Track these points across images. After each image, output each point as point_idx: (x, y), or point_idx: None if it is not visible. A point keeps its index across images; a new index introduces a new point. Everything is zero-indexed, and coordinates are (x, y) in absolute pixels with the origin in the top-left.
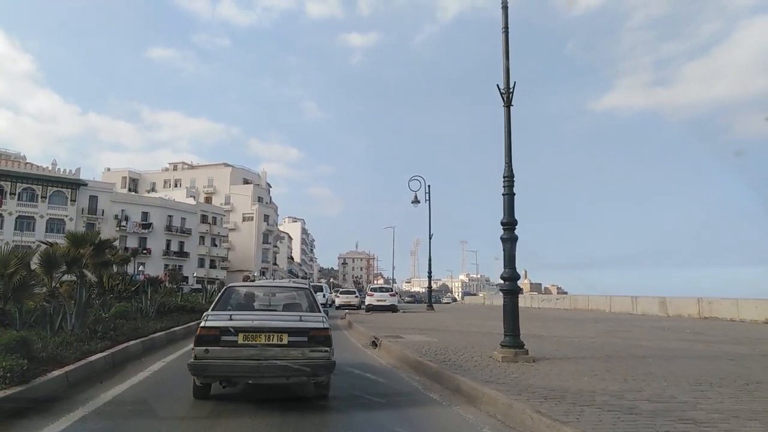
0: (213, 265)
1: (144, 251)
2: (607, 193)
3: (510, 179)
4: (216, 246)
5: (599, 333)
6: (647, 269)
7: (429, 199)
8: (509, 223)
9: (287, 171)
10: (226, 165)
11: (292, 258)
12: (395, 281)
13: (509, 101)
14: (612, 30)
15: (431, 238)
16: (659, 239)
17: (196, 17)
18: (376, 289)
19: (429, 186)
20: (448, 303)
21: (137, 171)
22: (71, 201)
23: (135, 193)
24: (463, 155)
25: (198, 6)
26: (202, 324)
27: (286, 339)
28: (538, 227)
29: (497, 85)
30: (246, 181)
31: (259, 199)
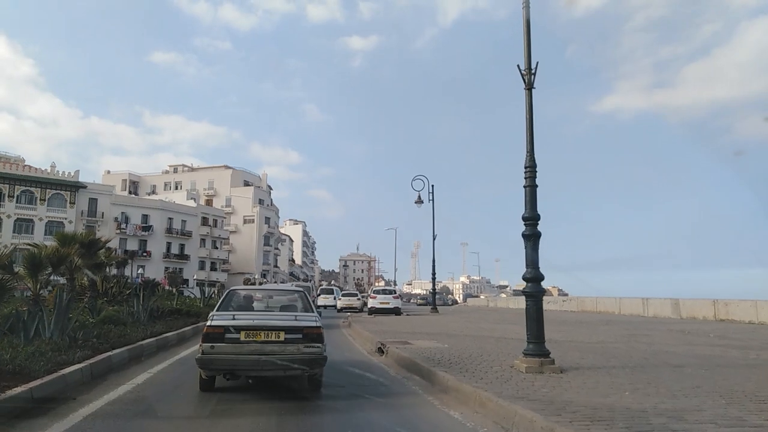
0: (214, 268)
1: (144, 254)
2: (608, 195)
3: (532, 169)
4: (217, 248)
5: (618, 337)
6: (648, 272)
7: (432, 199)
8: (532, 218)
9: (288, 174)
10: (226, 167)
11: (293, 260)
12: (396, 283)
13: (531, 83)
14: (612, 32)
15: (435, 239)
16: (660, 241)
17: (197, 21)
18: (379, 292)
19: (432, 186)
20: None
21: (137, 174)
22: (70, 204)
23: (135, 196)
24: (463, 158)
25: (199, 10)
26: (208, 323)
27: (283, 336)
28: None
29: (518, 66)
30: (247, 184)
31: (260, 202)
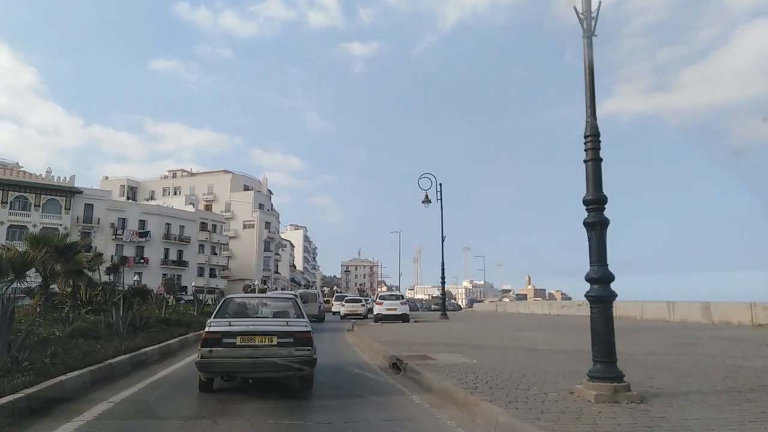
0: (213, 274)
1: (141, 260)
2: (610, 198)
3: (595, 139)
4: (216, 254)
5: (666, 347)
6: (649, 275)
7: (441, 198)
8: (597, 201)
9: (289, 180)
10: (226, 172)
11: (294, 266)
12: (398, 288)
13: (591, 29)
14: (610, 36)
15: (444, 240)
16: (661, 244)
17: (198, 29)
18: (385, 297)
19: (441, 185)
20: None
21: (136, 179)
22: (66, 209)
23: (132, 201)
24: (464, 162)
25: (200, 17)
26: (206, 329)
27: (275, 340)
28: (540, 233)
29: (574, 8)
30: (246, 188)
31: (260, 206)
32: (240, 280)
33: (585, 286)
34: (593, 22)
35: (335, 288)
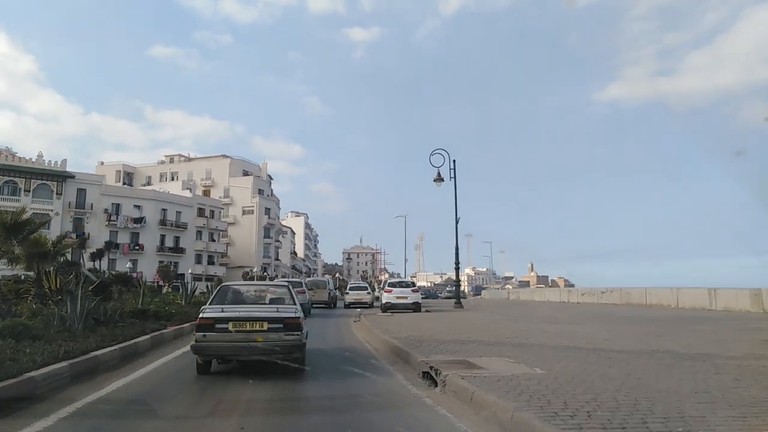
0: (211, 261)
1: (136, 247)
2: (611, 185)
3: None
4: (214, 241)
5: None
6: (648, 261)
7: (455, 176)
8: None
9: (291, 168)
10: (224, 156)
11: (295, 253)
12: (400, 275)
13: None
14: (614, 20)
15: (458, 222)
16: (663, 231)
17: (197, 14)
18: (395, 284)
19: (454, 161)
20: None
21: (132, 165)
22: (57, 194)
23: (127, 186)
24: (467, 150)
25: (199, 3)
26: (200, 315)
27: (266, 326)
28: (541, 220)
29: None
30: (246, 173)
31: (260, 192)
32: (239, 267)
33: (588, 273)
34: None
35: (337, 275)
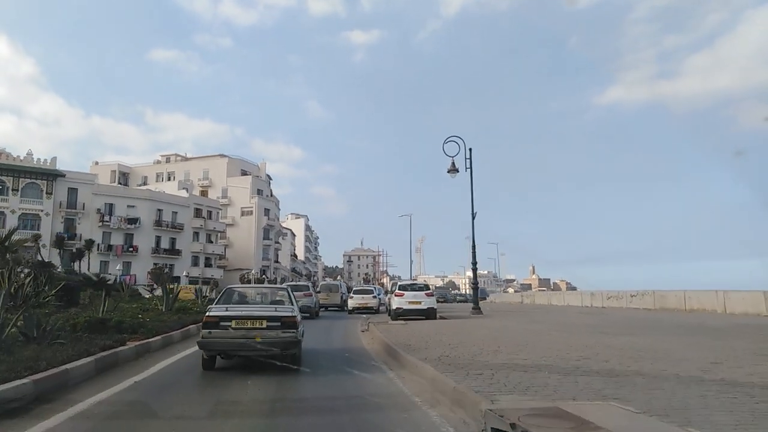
0: (208, 264)
1: (130, 249)
2: (612, 189)
3: None
4: (212, 242)
5: None
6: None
7: (471, 167)
8: None
9: (291, 171)
10: (222, 156)
11: (295, 255)
12: (401, 278)
13: None
14: (615, 23)
15: (474, 217)
16: (663, 234)
17: (197, 18)
18: (406, 287)
19: (470, 150)
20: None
21: (127, 164)
22: (47, 194)
23: (121, 186)
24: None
25: (199, 6)
26: (207, 314)
27: (265, 324)
28: (542, 223)
29: None
30: (244, 173)
31: (259, 192)
32: (238, 269)
33: (590, 276)
34: None
35: (339, 277)
